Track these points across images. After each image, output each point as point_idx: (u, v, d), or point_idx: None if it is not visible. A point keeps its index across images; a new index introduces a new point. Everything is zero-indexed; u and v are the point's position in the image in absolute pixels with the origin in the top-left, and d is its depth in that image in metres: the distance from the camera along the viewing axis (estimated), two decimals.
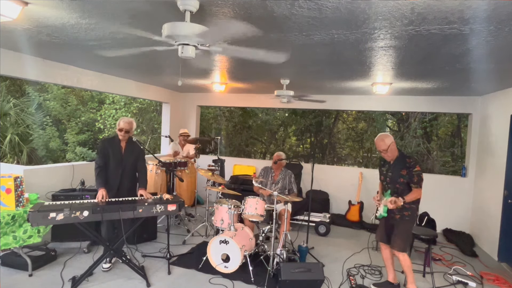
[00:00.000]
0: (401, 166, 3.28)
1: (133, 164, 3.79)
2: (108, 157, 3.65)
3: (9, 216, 3.24)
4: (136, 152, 3.80)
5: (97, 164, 3.62)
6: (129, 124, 3.68)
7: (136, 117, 12.29)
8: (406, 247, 3.32)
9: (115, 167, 3.68)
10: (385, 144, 3.28)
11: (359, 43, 2.90)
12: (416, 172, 3.18)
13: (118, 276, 3.56)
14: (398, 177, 3.29)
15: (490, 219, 4.97)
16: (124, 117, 3.77)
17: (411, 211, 3.28)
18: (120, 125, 3.66)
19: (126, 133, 3.67)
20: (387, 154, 3.32)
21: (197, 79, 5.62)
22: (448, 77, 4.23)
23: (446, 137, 12.40)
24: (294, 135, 14.69)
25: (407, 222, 3.30)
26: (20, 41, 3.54)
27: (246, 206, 3.96)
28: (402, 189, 3.27)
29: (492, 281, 3.97)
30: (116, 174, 3.68)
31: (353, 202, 6.18)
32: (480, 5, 2.00)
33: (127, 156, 3.73)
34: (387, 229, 3.46)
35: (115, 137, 3.73)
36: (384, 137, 3.33)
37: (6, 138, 10.46)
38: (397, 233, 3.32)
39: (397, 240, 3.31)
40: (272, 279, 3.56)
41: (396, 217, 3.32)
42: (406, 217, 3.28)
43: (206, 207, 5.12)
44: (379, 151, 3.37)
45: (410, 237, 3.41)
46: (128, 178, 3.76)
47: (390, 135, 3.39)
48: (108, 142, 3.75)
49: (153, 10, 2.38)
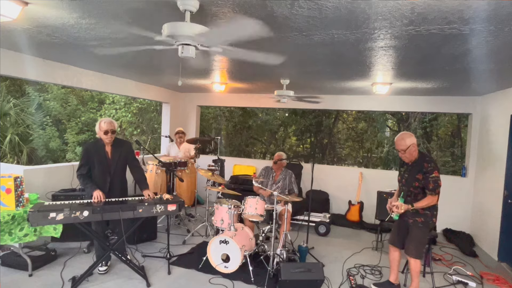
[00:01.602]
0: (417, 170, 3.10)
1: (122, 167, 3.55)
2: (93, 164, 3.39)
3: (9, 216, 3.24)
4: (124, 153, 3.52)
5: (79, 172, 3.35)
6: (112, 124, 3.39)
7: (136, 117, 12.30)
8: (419, 254, 3.19)
9: (102, 173, 3.41)
10: (404, 144, 3.10)
11: (359, 43, 2.90)
12: (432, 178, 3.00)
13: (118, 276, 3.56)
14: (413, 181, 3.12)
15: (490, 219, 4.96)
16: (102, 118, 3.43)
17: (424, 218, 3.13)
18: (103, 127, 3.32)
19: (113, 133, 3.39)
20: (405, 155, 3.15)
21: (197, 79, 5.62)
22: (448, 77, 4.23)
23: (446, 137, 12.41)
24: (294, 135, 14.71)
25: (420, 229, 3.15)
26: (20, 41, 3.54)
27: (246, 206, 3.96)
28: (416, 193, 3.12)
29: (492, 281, 3.97)
30: (104, 180, 3.42)
31: (353, 202, 6.18)
32: (480, 5, 2.00)
33: (114, 160, 3.45)
34: (399, 233, 3.37)
35: (99, 141, 3.43)
36: (406, 137, 3.13)
37: (6, 138, 10.47)
38: (411, 239, 3.21)
39: (410, 246, 3.21)
40: (272, 279, 3.55)
41: (409, 222, 3.21)
42: (419, 223, 3.14)
43: (206, 207, 5.11)
44: (397, 150, 3.19)
45: (424, 244, 3.25)
46: (117, 183, 3.53)
47: (413, 135, 3.17)
48: (92, 148, 3.44)
49: (153, 10, 2.38)
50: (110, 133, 3.36)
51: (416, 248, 3.18)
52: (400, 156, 3.23)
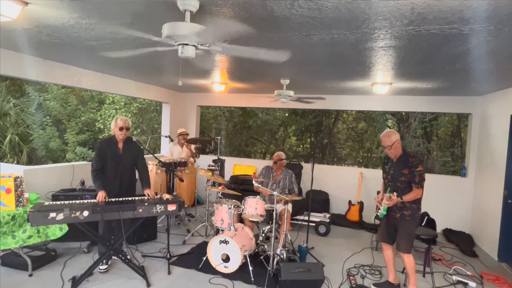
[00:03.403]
0: (403, 165, 3.27)
1: (132, 164, 3.74)
2: (106, 159, 3.59)
3: (9, 216, 3.24)
4: (134, 151, 3.75)
5: (93, 167, 3.54)
6: (127, 122, 3.64)
7: (136, 117, 12.30)
8: (410, 248, 3.29)
9: (114, 168, 3.62)
10: (390, 141, 3.27)
11: (359, 43, 2.90)
12: (418, 172, 3.16)
13: (118, 276, 3.56)
14: (399, 176, 3.28)
15: (490, 219, 4.96)
16: (119, 116, 3.69)
17: (411, 211, 3.26)
18: (119, 124, 3.59)
19: (127, 130, 3.63)
20: (391, 151, 3.31)
21: (197, 79, 5.62)
22: (448, 77, 4.23)
23: (446, 137, 12.41)
24: (294, 135, 14.71)
25: (408, 222, 3.27)
26: (20, 41, 3.54)
27: (246, 206, 3.96)
28: (403, 188, 3.26)
29: (492, 281, 3.97)
30: (116, 175, 3.63)
31: (353, 202, 6.18)
32: (480, 5, 2.00)
33: (125, 156, 3.68)
34: (388, 229, 3.45)
35: (112, 138, 3.67)
36: (391, 134, 3.32)
37: (6, 138, 10.46)
38: (400, 235, 3.31)
39: (401, 241, 3.30)
40: (272, 279, 3.56)
41: (397, 216, 3.31)
42: (406, 217, 3.26)
43: (206, 207, 5.11)
44: (384, 147, 3.37)
45: (413, 238, 3.38)
46: (127, 178, 3.73)
47: (397, 133, 3.37)
48: (106, 144, 3.68)
49: (153, 10, 2.38)
50: (124, 129, 3.60)
51: (406, 242, 3.29)
52: (387, 152, 3.40)
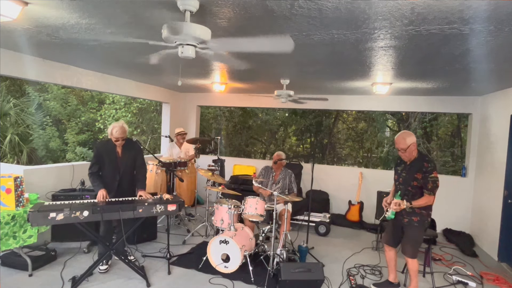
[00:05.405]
0: (417, 169, 3.11)
1: (131, 166, 3.65)
2: (103, 163, 3.52)
3: (9, 216, 3.24)
4: (133, 153, 3.66)
5: (90, 170, 3.49)
6: (123, 132, 3.47)
7: (136, 117, 12.29)
8: (416, 253, 3.21)
9: (112, 172, 3.55)
10: (405, 143, 3.12)
11: (359, 43, 2.90)
12: (432, 179, 3.02)
13: (118, 276, 3.56)
14: (411, 180, 3.13)
15: (490, 219, 4.96)
16: (115, 124, 3.48)
17: (420, 217, 3.14)
18: (114, 134, 3.42)
19: (123, 140, 3.52)
20: (405, 154, 3.16)
21: (197, 79, 5.62)
22: (448, 77, 4.22)
23: (446, 137, 12.41)
24: (294, 135, 14.71)
25: (416, 228, 3.16)
26: (20, 41, 3.53)
27: (246, 206, 3.96)
28: (414, 193, 3.13)
29: (492, 281, 3.97)
30: (113, 179, 3.55)
31: (353, 202, 6.18)
32: (480, 5, 2.00)
33: (124, 160, 3.59)
34: (394, 232, 3.38)
35: (110, 141, 3.54)
36: (406, 136, 3.15)
37: (6, 138, 10.47)
38: (406, 239, 3.23)
39: (407, 246, 3.22)
40: (272, 279, 3.56)
41: (404, 221, 3.21)
42: (414, 222, 3.15)
43: (206, 207, 5.11)
44: (397, 149, 3.21)
45: (420, 243, 3.26)
46: (126, 181, 3.64)
47: (413, 135, 3.20)
48: (103, 147, 3.60)
49: (153, 10, 2.38)
50: (120, 140, 3.49)
51: (412, 247, 3.20)
52: (400, 155, 3.24)
